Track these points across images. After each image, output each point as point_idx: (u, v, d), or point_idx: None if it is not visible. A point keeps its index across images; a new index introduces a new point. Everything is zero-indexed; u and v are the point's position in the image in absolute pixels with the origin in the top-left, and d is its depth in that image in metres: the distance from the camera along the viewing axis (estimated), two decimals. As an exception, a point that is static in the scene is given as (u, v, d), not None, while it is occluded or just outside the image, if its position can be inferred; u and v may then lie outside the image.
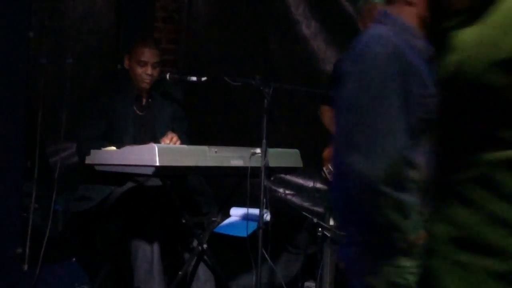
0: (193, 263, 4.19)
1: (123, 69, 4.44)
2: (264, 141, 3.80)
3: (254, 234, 3.89)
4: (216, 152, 3.86)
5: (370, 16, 3.99)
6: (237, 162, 3.92)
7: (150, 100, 4.42)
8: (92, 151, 3.95)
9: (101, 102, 4.25)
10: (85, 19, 5.62)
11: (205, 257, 4.19)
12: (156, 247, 4.03)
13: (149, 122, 4.38)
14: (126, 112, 4.31)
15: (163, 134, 4.32)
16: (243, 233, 4.17)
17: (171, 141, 4.18)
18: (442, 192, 1.89)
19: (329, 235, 4.78)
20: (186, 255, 4.24)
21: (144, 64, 4.30)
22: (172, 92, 4.49)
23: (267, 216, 3.95)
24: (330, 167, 4.62)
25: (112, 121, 4.26)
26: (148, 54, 4.31)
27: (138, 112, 4.37)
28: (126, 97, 4.35)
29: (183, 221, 4.12)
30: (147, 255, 4.00)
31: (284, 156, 4.23)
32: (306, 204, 5.74)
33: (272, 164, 3.93)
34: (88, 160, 3.96)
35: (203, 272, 4.21)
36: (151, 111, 4.41)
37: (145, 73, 4.30)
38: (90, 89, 4.44)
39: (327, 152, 4.65)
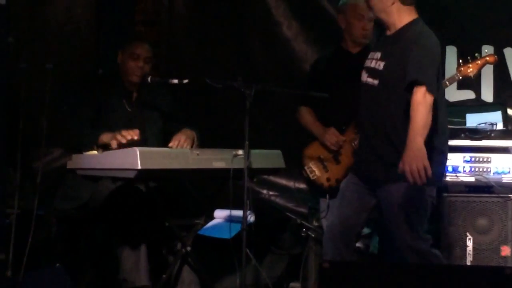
0: (177, 265, 4.19)
1: (104, 73, 4.45)
2: (246, 142, 3.80)
3: (238, 236, 3.89)
4: (198, 154, 3.87)
5: None
6: (219, 164, 3.92)
7: (140, 96, 4.46)
8: (73, 155, 3.94)
9: (90, 96, 4.31)
10: (65, 24, 5.61)
11: (189, 259, 4.19)
12: (142, 246, 4.04)
13: (138, 117, 4.41)
14: (116, 108, 4.37)
15: (151, 130, 4.39)
16: (226, 235, 4.17)
17: (179, 143, 4.20)
18: None
19: (313, 235, 4.80)
20: (170, 258, 4.24)
21: (137, 57, 4.38)
22: (161, 89, 4.54)
23: (251, 218, 3.94)
24: (311, 165, 4.62)
25: (102, 116, 4.31)
26: (141, 48, 4.42)
27: (128, 108, 4.42)
28: (117, 93, 4.40)
29: (167, 224, 4.12)
30: (134, 250, 4.01)
31: (267, 157, 4.23)
32: (289, 205, 5.74)
33: (254, 165, 3.94)
34: (70, 165, 3.95)
35: (187, 274, 4.22)
36: (141, 107, 4.45)
37: (137, 66, 4.37)
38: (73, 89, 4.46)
39: (307, 151, 4.66)
